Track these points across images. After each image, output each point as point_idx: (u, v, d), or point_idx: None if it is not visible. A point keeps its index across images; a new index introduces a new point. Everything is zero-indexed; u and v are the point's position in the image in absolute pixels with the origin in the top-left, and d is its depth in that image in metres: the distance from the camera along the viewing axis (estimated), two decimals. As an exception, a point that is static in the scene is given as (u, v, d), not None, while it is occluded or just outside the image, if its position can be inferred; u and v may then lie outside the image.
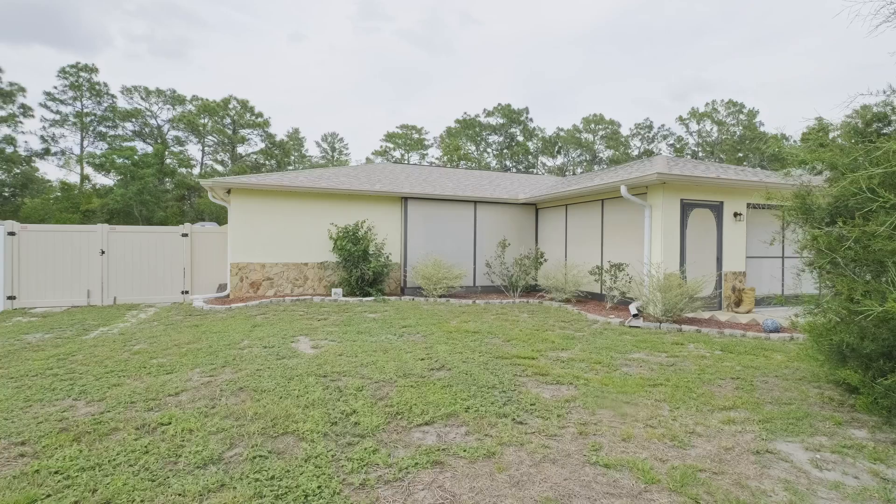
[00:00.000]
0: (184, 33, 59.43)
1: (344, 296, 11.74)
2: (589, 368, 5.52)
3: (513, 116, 55.08)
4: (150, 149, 40.43)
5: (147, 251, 11.87)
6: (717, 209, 10.23)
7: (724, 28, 66.84)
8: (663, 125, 57.28)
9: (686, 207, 9.91)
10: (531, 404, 4.23)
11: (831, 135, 5.07)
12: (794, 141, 52.47)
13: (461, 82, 75.02)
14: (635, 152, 57.12)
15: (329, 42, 72.38)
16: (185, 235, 12.21)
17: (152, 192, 35.17)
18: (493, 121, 56.03)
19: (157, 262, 11.97)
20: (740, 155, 51.73)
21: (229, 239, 11.81)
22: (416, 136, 57.13)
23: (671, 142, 56.91)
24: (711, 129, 55.25)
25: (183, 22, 58.58)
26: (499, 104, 55.15)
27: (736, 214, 10.37)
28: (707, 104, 54.54)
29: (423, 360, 5.74)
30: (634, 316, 8.90)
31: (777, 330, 7.93)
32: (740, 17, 65.21)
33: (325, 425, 3.69)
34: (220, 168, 46.38)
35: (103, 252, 11.44)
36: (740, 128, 53.53)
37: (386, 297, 11.56)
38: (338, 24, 71.37)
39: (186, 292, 12.19)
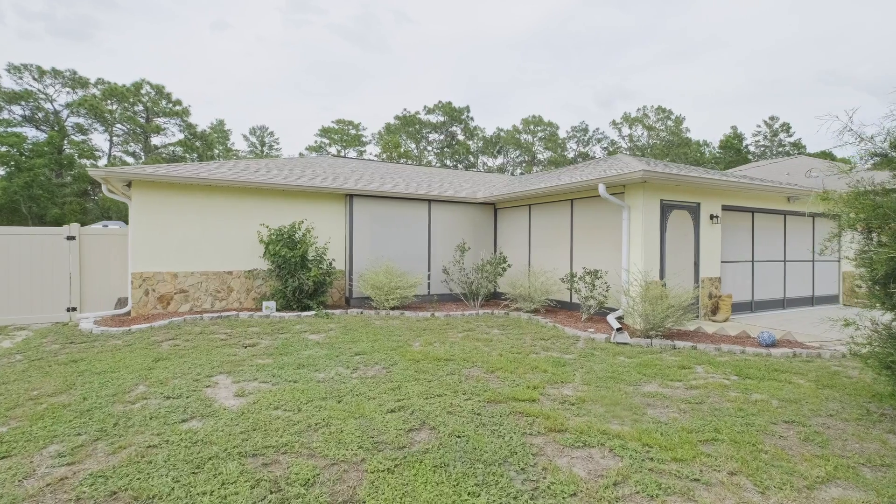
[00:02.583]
0: (89, 13, 52.82)
1: (278, 310, 9.88)
2: (609, 414, 4.29)
3: (454, 115, 54.15)
4: (43, 136, 35.14)
5: (18, 258, 9.33)
6: (694, 211, 9.53)
7: (646, 40, 70.54)
8: (598, 129, 58.94)
9: (665, 209, 9.10)
10: (571, 494, 2.90)
11: None
12: (713, 147, 55.71)
13: (398, 80, 73.29)
14: (571, 154, 58.24)
15: (256, 32, 67.86)
16: (71, 238, 9.76)
17: (45, 186, 30.38)
18: (433, 118, 54.80)
19: (32, 272, 9.45)
20: (668, 159, 54.21)
21: (130, 243, 9.56)
22: (353, 131, 54.68)
23: (605, 145, 58.64)
24: (642, 134, 57.51)
25: (88, 1, 52.01)
26: (440, 101, 54.03)
27: (712, 217, 9.73)
28: (639, 109, 56.73)
29: (393, 412, 4.25)
30: (618, 330, 7.89)
31: (774, 344, 7.21)
32: (659, 32, 69.06)
33: (254, 582, 2.13)
34: (131, 160, 41.46)
35: (-48, 260, 8.81)
36: (667, 133, 56.13)
37: (329, 312, 9.83)
38: (265, 14, 67.13)
39: (74, 309, 9.76)
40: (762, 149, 57.15)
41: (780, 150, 55.98)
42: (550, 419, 4.11)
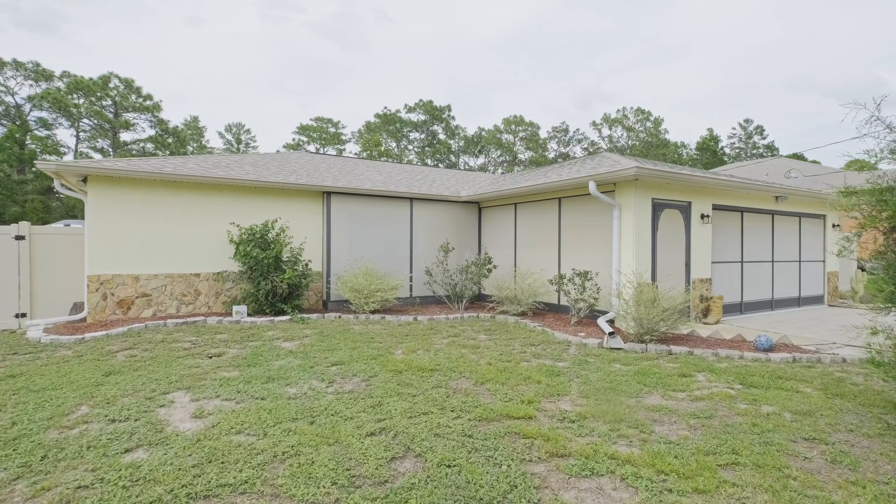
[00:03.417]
0: (57, 6, 50.47)
1: (249, 315, 9.24)
2: (614, 433, 3.87)
3: (435, 113, 53.64)
4: (2, 130, 33.35)
5: (-41, 260, 8.51)
6: (685, 210, 9.25)
7: (622, 44, 71.38)
8: (578, 129, 59.20)
9: (657, 208, 8.78)
10: (584, 542, 2.45)
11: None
12: (691, 148, 56.61)
13: (378, 79, 72.49)
14: (552, 155, 58.31)
15: (232, 29, 66.07)
16: (20, 238, 8.95)
17: (3, 183, 28.81)
18: (414, 117, 54.18)
19: (-25, 276, 8.63)
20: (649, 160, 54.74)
21: (87, 243, 8.80)
22: (332, 129, 53.68)
23: (585, 146, 58.89)
24: (621, 135, 57.97)
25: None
26: (420, 100, 53.45)
27: (703, 216, 9.46)
28: (619, 111, 57.16)
29: (373, 435, 3.74)
30: (610, 335, 7.52)
31: (771, 348, 6.93)
32: (635, 35, 69.91)
33: None
34: (98, 156, 39.77)
35: None
36: (646, 134, 56.69)
37: (305, 316, 9.24)
38: (242, 10, 65.43)
39: (23, 315, 8.96)
40: (737, 150, 58.29)
41: (755, 151, 57.20)
42: (551, 441, 3.66)
